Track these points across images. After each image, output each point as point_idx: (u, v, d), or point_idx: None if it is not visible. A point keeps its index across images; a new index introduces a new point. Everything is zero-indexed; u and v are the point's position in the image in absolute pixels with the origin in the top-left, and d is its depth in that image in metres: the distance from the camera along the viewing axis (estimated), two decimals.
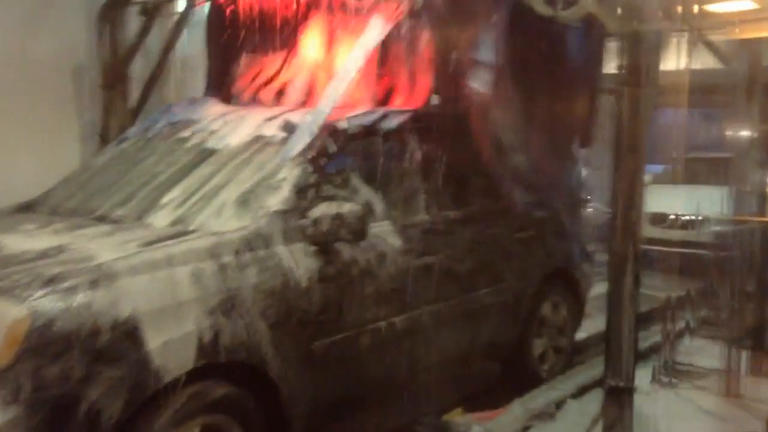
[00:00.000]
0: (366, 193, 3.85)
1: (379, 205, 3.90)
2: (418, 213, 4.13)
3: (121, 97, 6.46)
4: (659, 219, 8.97)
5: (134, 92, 6.60)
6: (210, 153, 3.90)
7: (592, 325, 5.59)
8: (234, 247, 3.17)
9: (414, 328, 3.92)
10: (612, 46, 5.02)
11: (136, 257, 2.90)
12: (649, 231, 8.88)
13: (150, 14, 6.32)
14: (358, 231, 3.41)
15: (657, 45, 4.82)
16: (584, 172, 6.02)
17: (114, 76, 6.42)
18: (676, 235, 8.81)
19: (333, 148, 3.75)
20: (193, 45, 7.18)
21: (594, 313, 5.54)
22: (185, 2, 6.45)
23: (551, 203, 5.16)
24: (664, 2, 4.49)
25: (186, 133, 4.17)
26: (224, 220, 3.36)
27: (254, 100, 4.74)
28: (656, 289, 7.50)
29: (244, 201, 3.46)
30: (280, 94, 4.69)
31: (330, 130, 3.78)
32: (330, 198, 3.57)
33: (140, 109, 6.50)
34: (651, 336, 5.78)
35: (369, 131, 3.98)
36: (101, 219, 3.56)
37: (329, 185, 3.66)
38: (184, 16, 6.60)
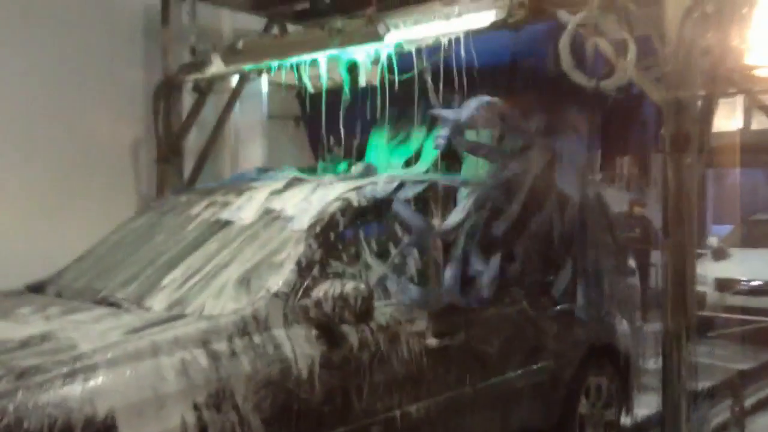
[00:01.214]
0: (379, 269, 3.53)
1: (394, 282, 3.56)
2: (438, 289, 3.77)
3: (175, 170, 6.46)
4: (726, 285, 8.30)
5: (189, 165, 6.61)
6: (218, 228, 3.66)
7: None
8: (227, 333, 2.89)
9: (432, 418, 3.52)
10: None
11: (117, 347, 2.66)
12: (715, 297, 8.31)
13: (202, 91, 6.35)
14: (362, 313, 3.06)
15: (705, 111, 4.48)
16: None
17: (169, 150, 6.44)
18: (745, 302, 8.13)
19: (343, 221, 3.46)
20: (246, 118, 7.21)
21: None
22: (238, 78, 6.47)
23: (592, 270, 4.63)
24: (707, 68, 4.16)
25: (198, 208, 3.93)
26: (223, 302, 3.09)
27: None
28: (724, 359, 6.92)
29: (245, 281, 3.19)
30: None
31: (341, 203, 3.52)
32: (338, 276, 3.27)
33: (193, 181, 6.50)
34: (719, 412, 5.22)
35: (384, 203, 3.68)
36: (101, 302, 3.34)
37: (337, 262, 3.36)
38: (237, 91, 6.62)
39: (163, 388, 2.61)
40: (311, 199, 3.58)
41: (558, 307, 4.34)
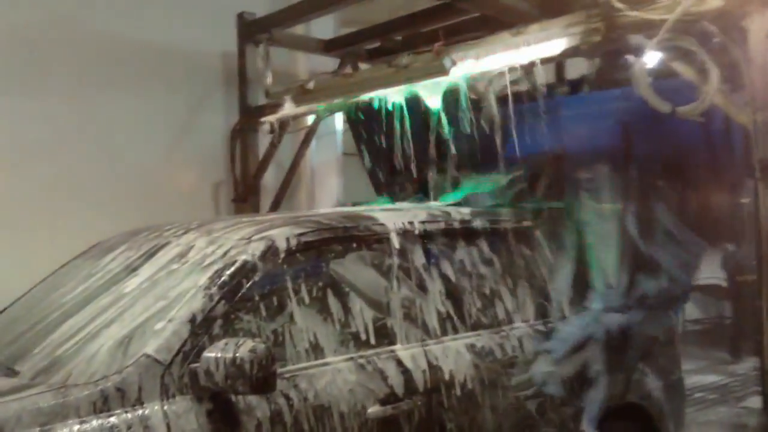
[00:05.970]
0: (311, 323, 2.80)
1: (331, 339, 2.83)
2: (393, 344, 2.99)
3: (252, 209, 6.36)
4: None
5: (267, 204, 6.56)
6: (123, 277, 2.95)
7: None
8: (79, 411, 2.21)
9: None
10: None
11: None
12: None
13: (276, 131, 6.21)
14: (259, 381, 2.34)
15: None
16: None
17: (245, 190, 6.36)
18: None
19: (262, 268, 2.74)
20: (322, 155, 7.15)
21: None
22: (313, 117, 6.41)
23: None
24: None
25: (114, 254, 3.21)
26: (94, 369, 2.42)
27: None
28: None
29: (124, 343, 2.50)
30: None
31: (262, 245, 2.81)
32: (248, 334, 2.59)
33: None
34: None
35: (324, 245, 2.98)
36: None
37: (249, 316, 2.64)
38: (312, 129, 6.56)
39: None
40: (235, 240, 2.85)
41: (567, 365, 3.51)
